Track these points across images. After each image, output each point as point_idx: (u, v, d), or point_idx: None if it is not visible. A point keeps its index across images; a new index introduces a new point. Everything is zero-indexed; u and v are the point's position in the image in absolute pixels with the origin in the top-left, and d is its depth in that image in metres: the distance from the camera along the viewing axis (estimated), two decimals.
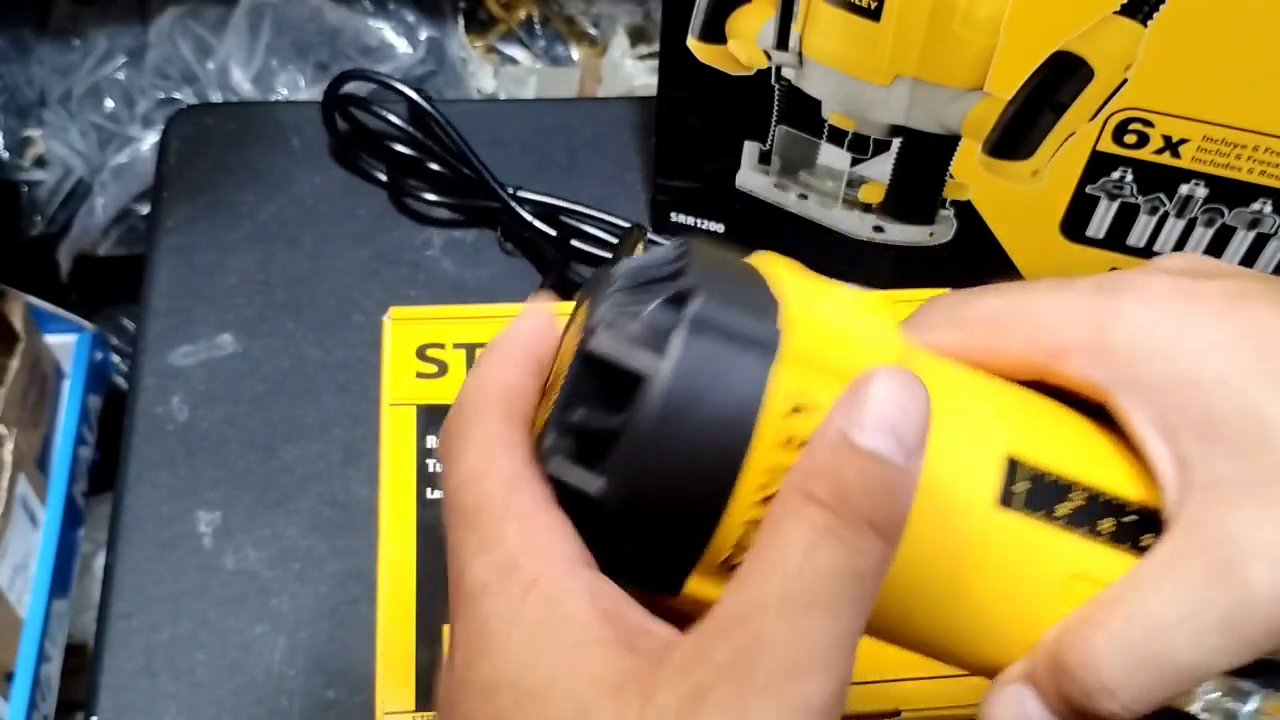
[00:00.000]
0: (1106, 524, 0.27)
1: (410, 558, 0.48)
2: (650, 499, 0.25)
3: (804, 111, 0.57)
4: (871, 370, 0.24)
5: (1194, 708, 0.27)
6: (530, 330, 0.28)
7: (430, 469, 0.50)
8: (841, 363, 0.25)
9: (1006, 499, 0.27)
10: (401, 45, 0.96)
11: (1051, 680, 0.26)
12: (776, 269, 0.28)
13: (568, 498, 0.26)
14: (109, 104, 0.97)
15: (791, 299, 0.26)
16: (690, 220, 0.65)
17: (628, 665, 0.23)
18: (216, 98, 0.95)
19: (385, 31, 0.97)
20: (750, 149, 0.60)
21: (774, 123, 0.58)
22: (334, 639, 0.52)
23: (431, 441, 0.51)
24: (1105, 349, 0.27)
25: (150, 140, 0.96)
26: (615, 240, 0.63)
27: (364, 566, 0.53)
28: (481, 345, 0.53)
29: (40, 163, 0.99)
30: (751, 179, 0.61)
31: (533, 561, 0.24)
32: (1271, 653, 0.26)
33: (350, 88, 0.66)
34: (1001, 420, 0.28)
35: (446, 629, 0.46)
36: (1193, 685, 0.25)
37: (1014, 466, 0.27)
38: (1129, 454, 0.28)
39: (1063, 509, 0.27)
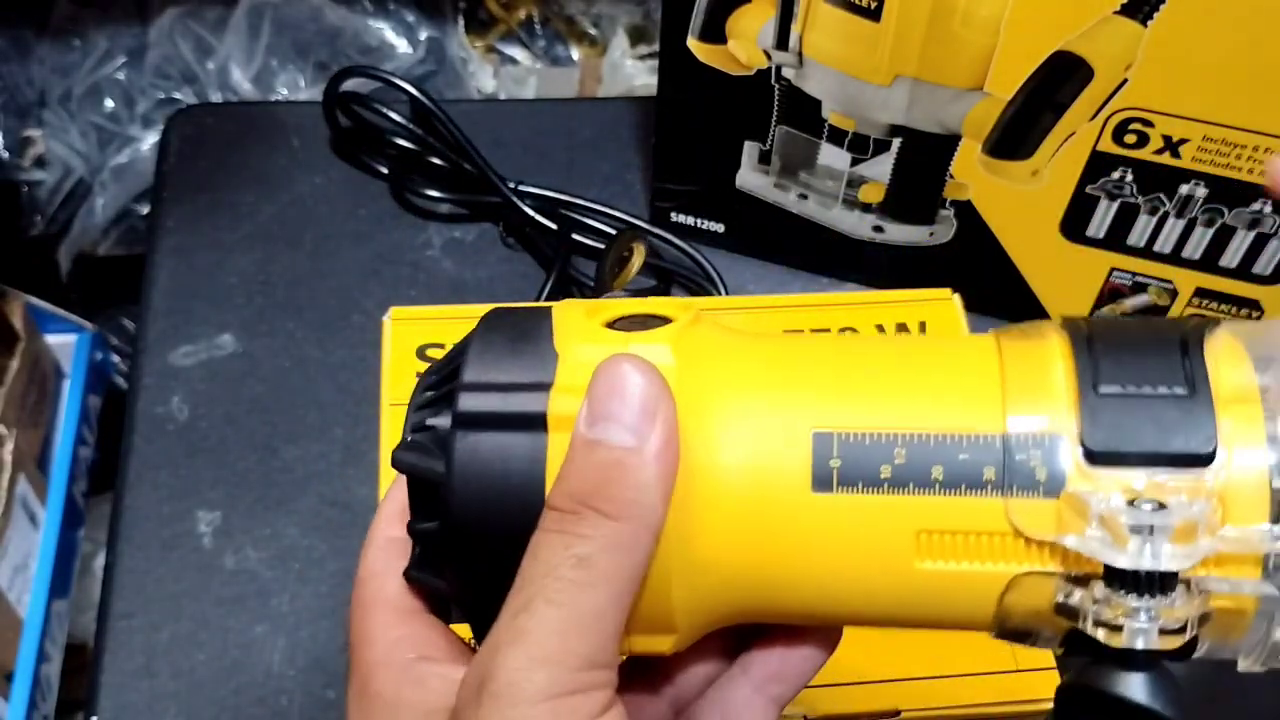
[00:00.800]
0: (938, 471, 0.26)
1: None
2: (481, 584, 0.27)
3: (804, 111, 0.57)
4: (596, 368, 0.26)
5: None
6: None
7: None
8: None
9: (821, 481, 0.26)
10: (401, 45, 0.96)
11: None
12: (566, 317, 0.28)
13: (432, 597, 0.29)
14: (109, 104, 0.97)
15: (567, 354, 0.27)
16: (690, 220, 0.65)
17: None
18: (216, 98, 0.95)
19: (385, 31, 0.97)
20: (750, 149, 0.60)
21: (774, 123, 0.58)
22: (334, 639, 0.52)
23: None
24: None
25: (150, 140, 0.96)
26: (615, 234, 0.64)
27: None
28: None
29: (40, 163, 0.99)
30: (751, 179, 0.61)
31: (377, 677, 0.28)
32: None
33: (351, 85, 0.66)
34: (810, 389, 0.27)
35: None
36: None
37: (823, 442, 0.26)
38: (977, 360, 0.27)
39: (886, 471, 0.26)
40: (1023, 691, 0.47)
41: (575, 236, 0.63)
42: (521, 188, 0.64)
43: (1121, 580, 0.25)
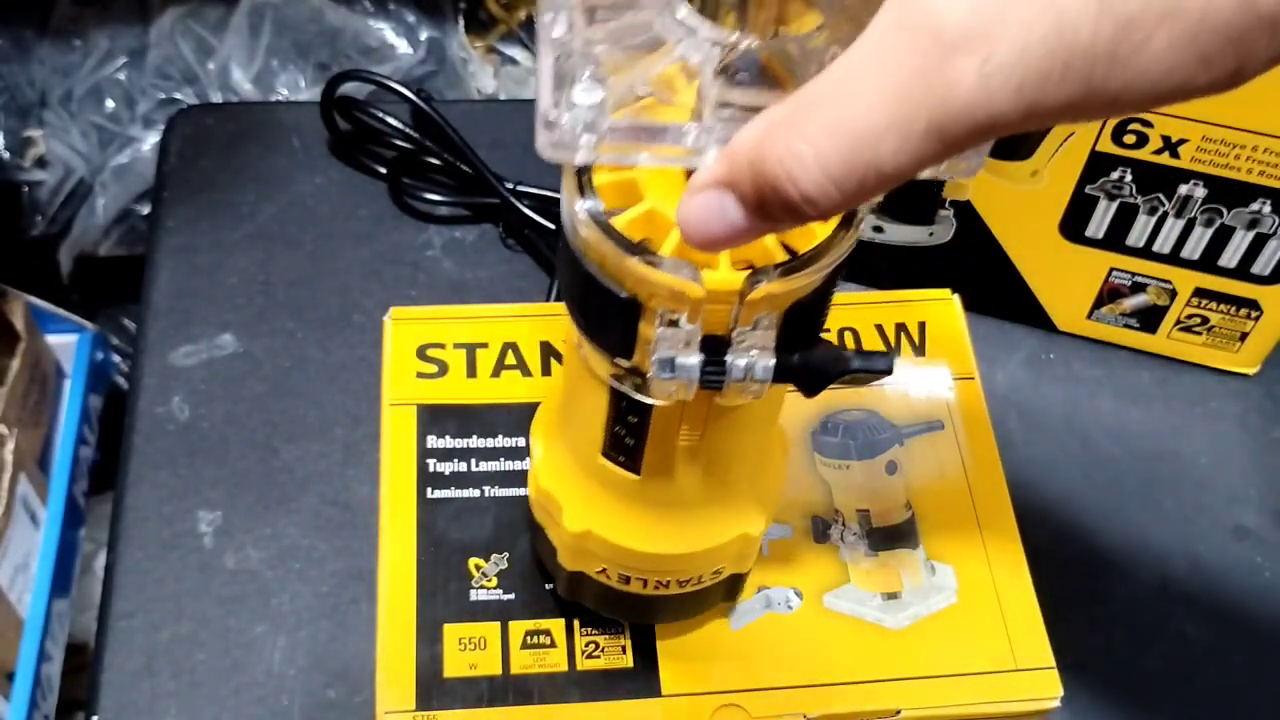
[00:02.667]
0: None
1: (410, 558, 0.48)
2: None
3: None
4: None
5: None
6: None
7: (430, 469, 0.50)
8: None
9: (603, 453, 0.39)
10: (402, 45, 0.96)
11: (753, 187, 0.26)
12: None
13: None
14: (110, 104, 0.97)
15: None
16: None
17: None
18: (217, 98, 0.95)
19: (385, 32, 0.97)
20: None
21: None
22: (334, 639, 0.52)
23: (432, 441, 0.51)
24: None
25: (151, 140, 0.96)
26: None
27: (364, 566, 0.53)
28: (482, 345, 0.53)
29: (41, 163, 0.99)
30: None
31: None
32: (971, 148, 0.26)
33: (348, 88, 0.66)
34: (567, 444, 0.42)
35: (446, 629, 0.46)
36: (892, 186, 0.25)
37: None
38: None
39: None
40: (1022, 691, 0.47)
41: None
42: (520, 188, 0.64)
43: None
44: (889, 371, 0.34)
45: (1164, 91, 0.24)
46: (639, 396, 0.35)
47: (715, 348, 0.32)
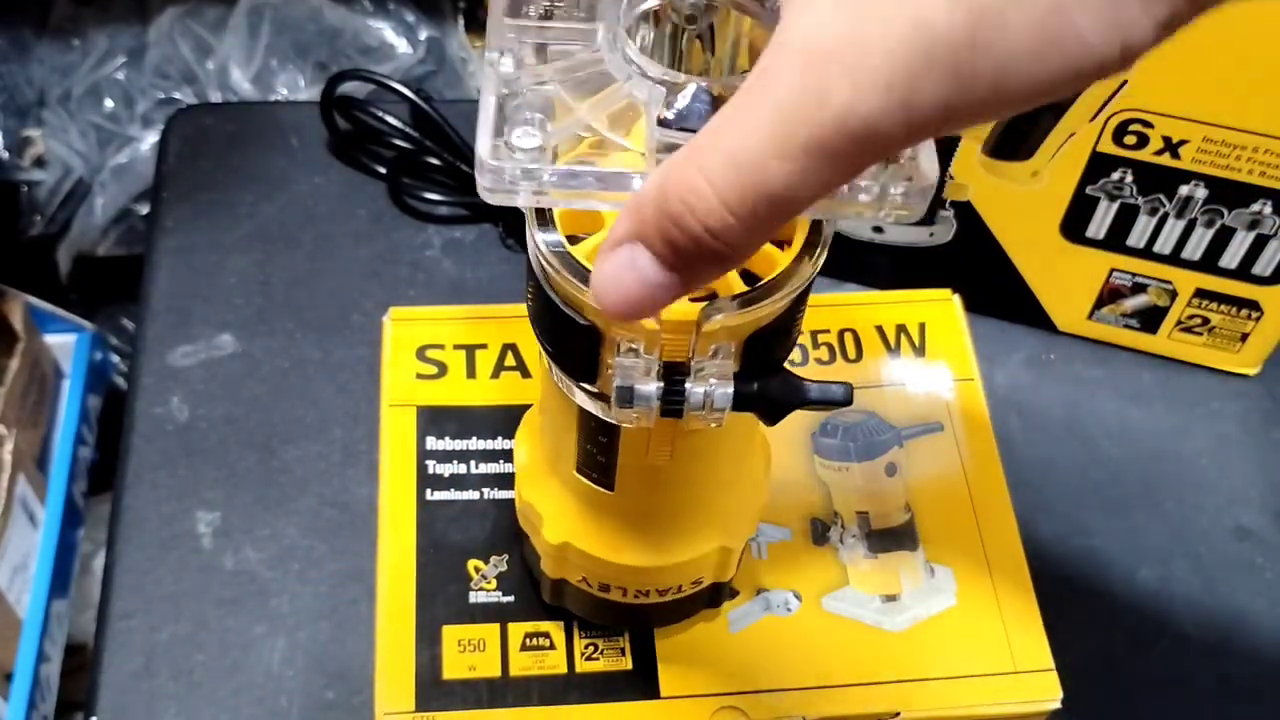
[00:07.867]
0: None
1: (410, 558, 0.48)
2: None
3: None
4: None
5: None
6: None
7: (429, 470, 0.50)
8: None
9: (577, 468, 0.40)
10: (401, 45, 0.96)
11: (658, 231, 0.25)
12: None
13: None
14: (109, 104, 0.97)
15: None
16: None
17: None
18: (216, 98, 0.95)
19: (385, 31, 0.96)
20: None
21: None
22: (334, 639, 0.52)
23: (431, 443, 0.51)
24: None
25: (150, 140, 0.95)
26: None
27: (364, 566, 0.53)
28: (481, 346, 0.53)
29: (40, 163, 0.99)
30: None
31: None
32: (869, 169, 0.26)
33: (348, 88, 0.66)
34: (546, 454, 0.42)
35: (446, 630, 0.46)
36: (798, 213, 0.25)
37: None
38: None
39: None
40: (1021, 694, 0.47)
41: None
42: None
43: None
44: (847, 402, 0.34)
45: (1045, 77, 0.23)
46: (606, 417, 0.35)
47: (676, 374, 0.31)
